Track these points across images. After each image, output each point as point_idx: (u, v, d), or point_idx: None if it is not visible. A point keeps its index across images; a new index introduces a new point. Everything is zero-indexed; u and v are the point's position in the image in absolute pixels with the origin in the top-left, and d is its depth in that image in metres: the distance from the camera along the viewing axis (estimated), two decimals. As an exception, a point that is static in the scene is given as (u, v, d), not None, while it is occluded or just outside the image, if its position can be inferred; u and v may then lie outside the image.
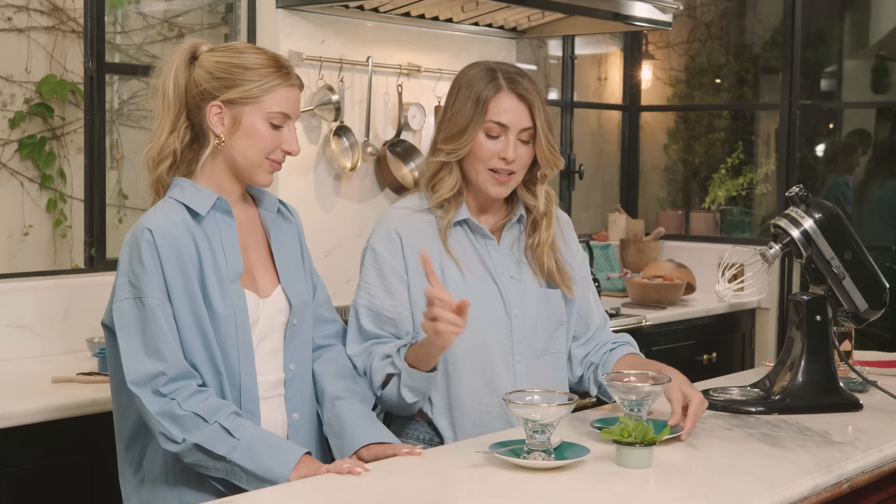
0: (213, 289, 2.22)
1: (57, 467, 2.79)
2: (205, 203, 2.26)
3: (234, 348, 2.24)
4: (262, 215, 2.41)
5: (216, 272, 2.23)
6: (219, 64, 2.27)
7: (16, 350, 3.37)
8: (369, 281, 2.54)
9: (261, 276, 2.34)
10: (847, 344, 3.13)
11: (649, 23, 4.53)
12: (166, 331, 2.16)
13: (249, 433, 2.15)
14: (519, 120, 2.50)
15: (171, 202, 2.27)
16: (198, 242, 2.22)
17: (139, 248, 2.18)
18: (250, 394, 2.26)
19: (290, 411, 2.35)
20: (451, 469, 2.15)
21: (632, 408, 2.33)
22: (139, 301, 2.18)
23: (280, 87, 2.27)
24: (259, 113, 2.27)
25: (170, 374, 2.14)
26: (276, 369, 2.33)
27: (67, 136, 4.55)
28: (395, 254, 2.52)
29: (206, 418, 2.13)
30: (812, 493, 2.13)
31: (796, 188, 2.75)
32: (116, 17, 4.53)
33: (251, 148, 2.28)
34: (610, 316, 4.43)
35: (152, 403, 2.14)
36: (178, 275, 2.19)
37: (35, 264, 4.42)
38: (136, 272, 2.18)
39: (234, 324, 2.23)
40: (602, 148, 6.17)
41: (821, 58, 6.76)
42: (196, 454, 2.14)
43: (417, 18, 4.31)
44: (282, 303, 2.34)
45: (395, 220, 2.55)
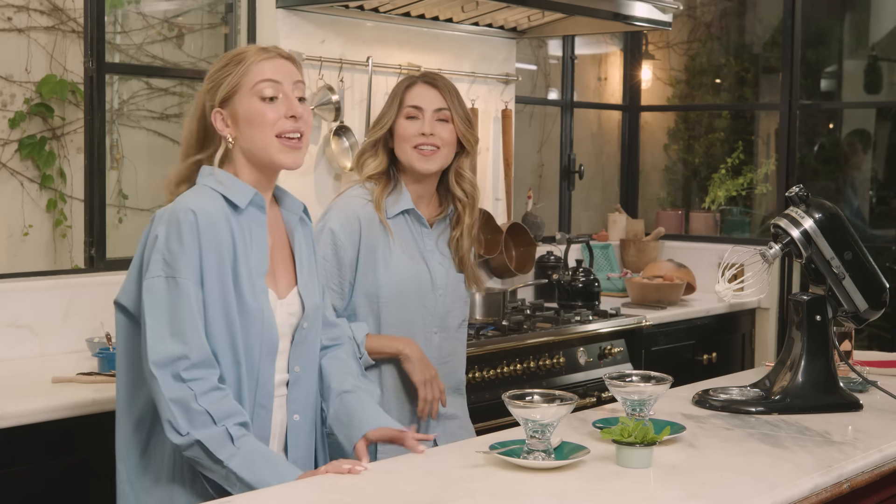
0: (244, 281, 2.23)
1: (57, 467, 2.79)
2: (244, 196, 2.27)
3: (258, 342, 2.25)
4: (286, 217, 2.42)
5: (247, 266, 2.24)
6: (208, 77, 2.33)
7: (16, 350, 3.37)
8: (325, 258, 2.86)
9: (280, 277, 2.36)
10: (847, 344, 3.14)
11: (649, 23, 4.53)
12: (195, 314, 2.16)
13: (251, 445, 2.15)
14: (432, 102, 2.93)
15: (208, 190, 2.27)
16: (234, 234, 2.24)
17: (180, 227, 2.18)
18: (266, 388, 2.28)
19: (291, 412, 2.36)
20: (451, 469, 2.15)
21: (633, 408, 2.33)
22: (172, 280, 2.16)
23: (255, 64, 2.29)
24: (247, 94, 2.28)
25: (192, 359, 2.14)
26: (280, 370, 2.34)
27: (67, 136, 4.55)
28: (352, 238, 2.88)
29: (215, 420, 2.13)
30: (812, 493, 2.13)
31: (796, 188, 2.75)
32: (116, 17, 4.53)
33: (256, 130, 2.28)
34: (610, 316, 4.46)
35: (169, 388, 2.13)
36: (215, 261, 2.20)
37: (35, 264, 4.42)
38: (174, 251, 2.17)
39: (261, 318, 2.24)
40: (602, 148, 6.17)
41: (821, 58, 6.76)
42: (196, 451, 2.14)
43: (417, 18, 4.31)
44: (295, 305, 2.36)
45: (355, 207, 2.92)
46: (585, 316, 4.37)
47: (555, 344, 4.09)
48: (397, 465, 2.21)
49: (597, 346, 4.27)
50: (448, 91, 2.96)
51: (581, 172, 5.63)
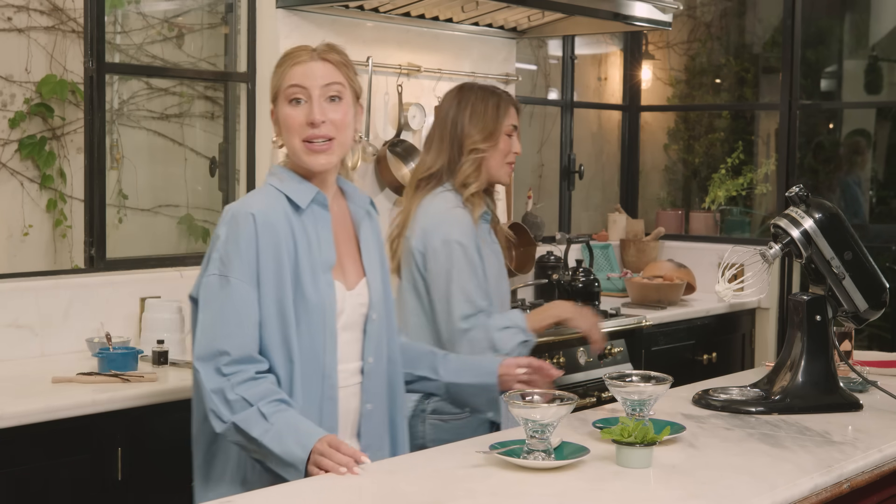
0: (306, 278, 2.30)
1: (57, 467, 2.79)
2: (305, 196, 2.35)
3: (321, 337, 2.31)
4: (352, 210, 2.49)
5: (310, 262, 2.31)
6: (274, 72, 2.44)
7: (16, 350, 3.37)
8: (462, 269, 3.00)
9: (348, 269, 2.43)
10: (847, 344, 3.14)
11: (649, 23, 4.53)
12: (242, 312, 2.24)
13: (284, 419, 2.20)
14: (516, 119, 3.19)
15: (272, 190, 2.35)
16: (295, 232, 2.31)
17: (238, 229, 2.27)
18: (332, 380, 2.34)
19: (365, 402, 2.42)
20: (451, 469, 2.15)
21: (634, 408, 2.33)
22: (225, 279, 2.26)
23: (286, 70, 2.39)
24: (282, 99, 2.38)
25: (233, 356, 2.23)
26: (354, 358, 2.41)
27: (67, 136, 4.55)
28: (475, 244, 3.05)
29: (250, 402, 2.20)
30: (812, 493, 2.13)
31: (796, 188, 2.75)
32: (116, 17, 4.53)
33: (287, 134, 2.38)
34: (610, 316, 4.46)
35: (210, 380, 2.23)
36: (272, 262, 2.27)
37: (35, 264, 4.42)
38: (230, 251, 2.27)
39: (322, 313, 2.31)
40: (602, 148, 6.17)
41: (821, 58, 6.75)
42: (235, 435, 2.22)
43: (417, 18, 4.31)
44: (364, 296, 2.43)
45: (468, 217, 3.06)
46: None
47: (555, 344, 4.08)
48: (397, 465, 2.21)
49: (597, 346, 4.26)
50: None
51: (581, 172, 5.63)
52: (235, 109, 4.21)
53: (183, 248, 4.53)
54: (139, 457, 2.94)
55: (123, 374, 3.05)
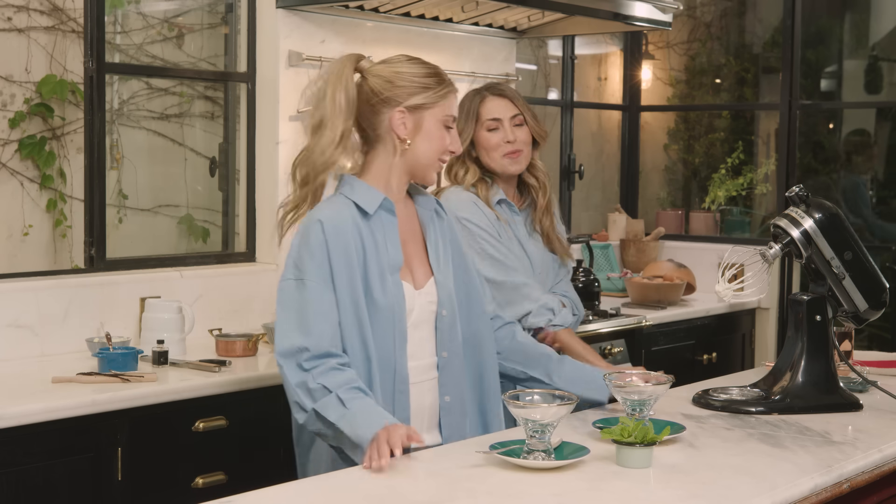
0: (374, 280, 2.43)
1: (57, 467, 2.79)
2: (373, 203, 2.48)
3: (391, 336, 2.44)
4: (420, 213, 2.62)
5: (378, 265, 2.44)
6: (398, 74, 2.50)
7: (16, 350, 3.37)
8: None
9: (416, 269, 2.54)
10: (847, 344, 3.14)
11: (649, 23, 4.53)
12: (319, 312, 2.36)
13: (360, 405, 2.29)
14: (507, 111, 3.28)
15: (342, 198, 2.48)
16: (363, 237, 2.44)
17: (309, 236, 2.41)
18: (402, 376, 2.46)
19: (443, 395, 2.54)
20: (451, 469, 2.15)
21: (634, 408, 2.33)
22: (301, 282, 2.39)
23: (451, 94, 2.54)
24: (437, 117, 2.51)
25: (313, 351, 2.34)
26: (428, 354, 2.53)
27: (67, 136, 4.55)
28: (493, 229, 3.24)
29: (330, 389, 2.31)
30: (812, 493, 2.13)
31: (796, 188, 2.75)
32: (116, 17, 4.53)
33: (430, 149, 2.52)
34: (610, 316, 4.46)
35: (293, 375, 2.35)
36: (343, 265, 2.40)
37: (35, 264, 4.42)
38: (303, 257, 2.40)
39: (391, 313, 2.43)
40: (602, 148, 6.17)
41: (821, 58, 6.75)
42: (316, 422, 2.33)
43: (417, 18, 4.31)
44: (433, 294, 2.54)
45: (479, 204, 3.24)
46: (585, 316, 4.37)
47: (555, 344, 4.08)
48: (397, 464, 2.21)
49: (597, 346, 4.26)
50: (516, 97, 3.33)
51: (581, 172, 5.63)
52: (235, 109, 4.21)
53: (183, 248, 4.53)
54: (139, 457, 2.94)
55: (123, 374, 3.05)
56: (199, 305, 3.73)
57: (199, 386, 3.08)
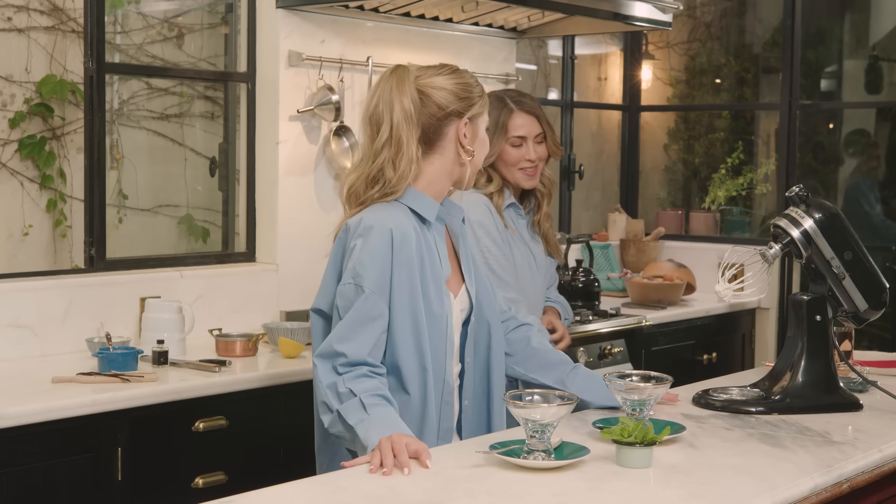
0: (431, 291, 2.44)
1: (57, 467, 2.79)
2: (431, 211, 2.51)
3: (443, 345, 2.46)
4: (449, 223, 2.62)
5: (433, 274, 2.46)
6: (459, 85, 2.55)
7: (16, 350, 3.37)
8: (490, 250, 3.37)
9: (451, 278, 2.56)
10: (847, 344, 3.13)
11: (649, 23, 4.53)
12: (366, 322, 2.37)
13: (381, 413, 2.29)
14: (533, 130, 3.44)
15: (402, 207, 2.48)
16: (422, 246, 2.45)
17: (374, 242, 2.39)
18: (449, 385, 2.49)
19: (463, 399, 2.57)
20: (451, 469, 2.15)
21: (634, 408, 2.33)
22: (359, 288, 2.38)
23: (485, 98, 2.58)
24: (482, 124, 2.58)
25: (349, 359, 2.34)
26: (457, 361, 2.55)
27: (67, 136, 4.55)
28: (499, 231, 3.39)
29: (355, 393, 2.31)
30: (812, 493, 2.13)
31: (796, 188, 2.75)
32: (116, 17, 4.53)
33: (483, 155, 2.58)
34: (610, 316, 4.46)
35: (326, 376, 2.35)
36: (406, 275, 2.40)
37: (35, 264, 4.42)
38: (364, 262, 2.39)
39: (446, 322, 2.46)
40: (602, 148, 6.17)
41: (821, 58, 6.75)
42: (338, 424, 2.32)
43: (417, 18, 4.31)
44: (465, 302, 2.57)
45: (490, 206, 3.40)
46: (585, 316, 4.37)
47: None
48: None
49: (597, 346, 4.26)
50: (542, 114, 3.48)
51: (581, 172, 5.63)
52: (235, 109, 4.21)
53: (183, 248, 4.54)
54: (139, 457, 2.94)
55: (123, 374, 3.05)
56: (199, 305, 3.73)
57: (199, 386, 3.08)
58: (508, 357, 2.72)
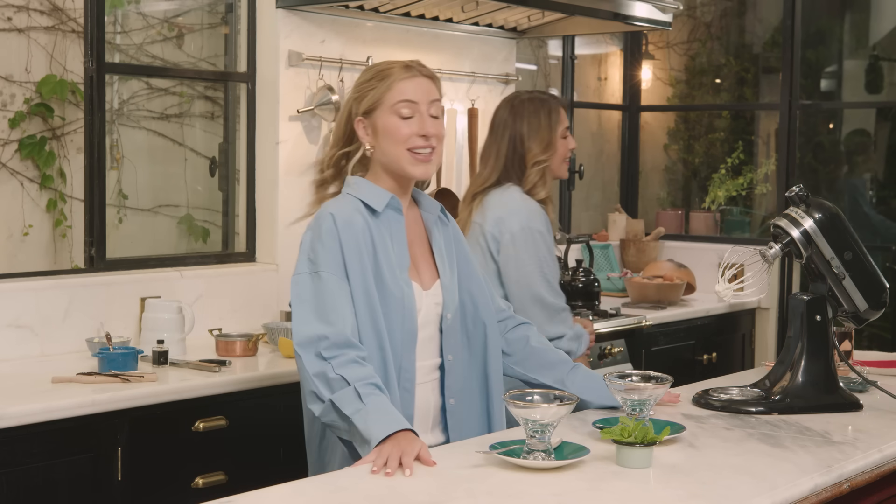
0: (386, 274, 2.44)
1: (57, 467, 2.79)
2: (381, 201, 2.50)
3: (400, 331, 2.44)
4: (425, 217, 2.63)
5: (388, 261, 2.46)
6: (356, 86, 2.56)
7: (16, 350, 3.37)
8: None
9: (423, 271, 2.56)
10: (847, 344, 3.13)
11: (649, 23, 4.53)
12: (337, 301, 2.37)
13: (376, 402, 2.28)
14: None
15: (348, 197, 2.51)
16: (373, 234, 2.46)
17: (321, 229, 2.43)
18: (409, 374, 2.46)
19: (448, 397, 2.55)
20: (451, 469, 2.15)
21: (634, 408, 2.33)
22: (316, 275, 2.40)
23: (396, 81, 2.52)
24: (387, 110, 2.50)
25: (332, 339, 2.33)
26: (432, 355, 2.54)
27: (67, 136, 4.55)
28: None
29: (349, 381, 2.29)
30: (812, 493, 2.13)
31: (796, 188, 2.75)
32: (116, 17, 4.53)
33: (390, 144, 2.51)
34: (610, 316, 4.46)
35: (312, 365, 2.33)
36: (355, 256, 2.41)
37: (35, 264, 4.42)
38: (316, 249, 2.42)
39: (402, 309, 2.44)
40: (602, 148, 6.17)
41: (821, 58, 6.75)
42: (331, 413, 2.31)
43: (417, 18, 4.31)
44: (439, 297, 2.56)
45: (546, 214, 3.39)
46: (585, 316, 4.37)
47: (555, 344, 4.08)
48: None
49: (597, 346, 4.26)
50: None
51: (581, 172, 5.63)
52: (235, 109, 4.21)
53: (183, 248, 4.54)
54: (139, 457, 2.94)
55: (123, 374, 3.05)
56: (199, 305, 3.73)
57: (199, 386, 3.08)
58: (507, 357, 2.72)
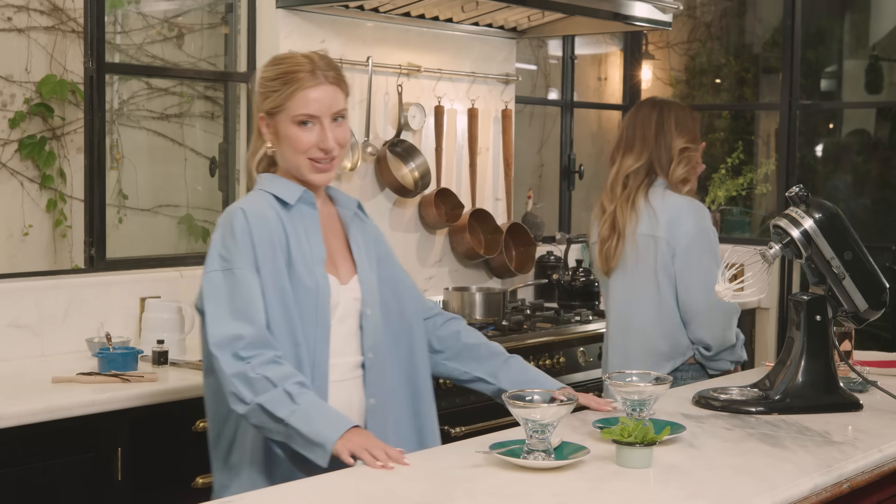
0: (300, 268, 2.38)
1: (57, 467, 2.79)
2: (292, 194, 2.44)
3: (313, 325, 2.38)
4: (341, 213, 2.58)
5: (302, 255, 2.40)
6: (261, 79, 2.48)
7: (16, 350, 3.37)
8: None
9: (340, 265, 2.50)
10: (847, 344, 3.13)
11: (649, 23, 4.53)
12: (251, 299, 2.31)
13: (309, 401, 2.25)
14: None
15: (260, 192, 2.45)
16: (286, 226, 2.40)
17: (232, 225, 2.36)
18: (322, 370, 2.40)
19: (368, 396, 2.48)
20: (451, 469, 2.15)
21: (633, 408, 2.33)
22: (229, 272, 2.33)
23: (300, 90, 2.42)
24: (287, 118, 2.43)
25: (249, 339, 2.27)
26: (353, 352, 2.47)
27: (67, 136, 4.55)
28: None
29: (274, 383, 2.24)
30: (812, 493, 2.13)
31: (796, 188, 2.75)
32: (116, 17, 4.53)
33: (289, 151, 2.45)
34: (610, 316, 4.44)
35: (230, 365, 2.26)
36: (268, 251, 2.35)
37: (35, 264, 4.42)
38: (228, 246, 2.35)
39: (315, 301, 2.38)
40: (602, 148, 6.17)
41: (821, 58, 6.75)
42: (260, 415, 2.24)
43: (417, 18, 4.31)
44: (357, 291, 2.50)
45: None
46: (585, 316, 4.37)
47: (555, 344, 4.08)
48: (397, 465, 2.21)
49: (597, 346, 4.26)
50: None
51: (581, 172, 5.63)
52: (235, 109, 4.21)
53: (183, 248, 4.54)
54: (139, 457, 2.94)
55: (123, 374, 3.05)
56: (199, 305, 3.73)
57: (199, 386, 3.05)
58: (439, 354, 2.65)
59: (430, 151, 4.46)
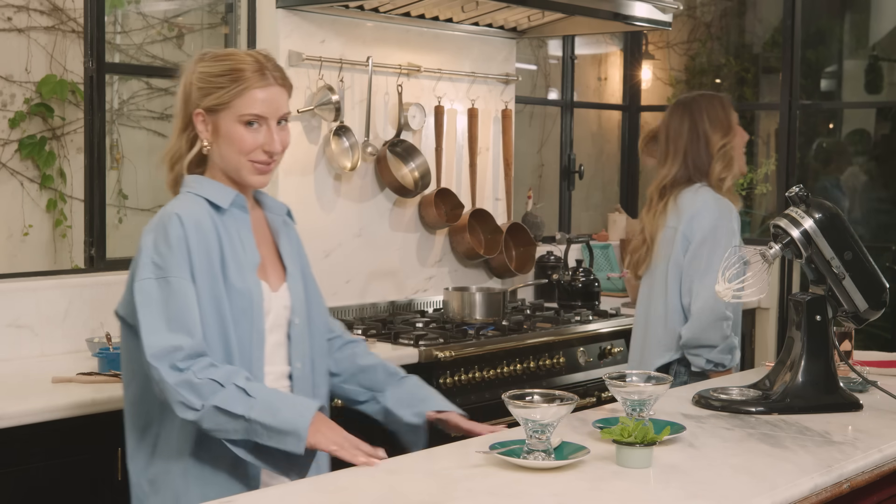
0: (234, 275, 2.31)
1: (57, 467, 2.79)
2: (225, 198, 2.36)
3: (248, 332, 2.32)
4: (270, 218, 2.50)
5: (235, 260, 2.33)
6: (202, 74, 2.38)
7: (16, 350, 3.37)
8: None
9: (270, 272, 2.43)
10: (847, 344, 3.13)
11: (649, 23, 4.53)
12: (189, 308, 2.23)
13: (264, 392, 2.21)
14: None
15: (191, 196, 2.35)
16: (220, 232, 2.32)
17: (166, 231, 2.26)
18: (257, 377, 2.32)
19: None
20: (451, 469, 2.15)
21: (633, 408, 2.33)
22: (164, 280, 2.24)
23: (249, 90, 2.34)
24: (232, 117, 2.35)
25: (187, 350, 2.20)
26: (281, 362, 2.41)
27: (67, 136, 4.55)
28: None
29: (221, 383, 2.18)
30: (812, 493, 2.13)
31: (796, 188, 2.75)
32: (116, 17, 4.53)
33: (230, 151, 2.36)
34: (610, 316, 4.45)
35: (170, 376, 2.18)
36: (204, 258, 2.28)
37: (35, 264, 4.42)
38: (163, 253, 2.25)
39: (250, 308, 2.32)
40: (602, 148, 6.17)
41: (821, 58, 6.75)
42: (215, 418, 2.18)
43: (417, 18, 4.31)
44: (287, 299, 2.43)
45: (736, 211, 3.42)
46: (585, 316, 4.37)
47: (555, 344, 4.08)
48: (397, 464, 2.21)
49: (597, 346, 4.27)
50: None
51: (581, 172, 5.63)
52: (235, 109, 4.20)
53: (183, 248, 4.53)
54: (139, 457, 2.93)
55: (123, 374, 3.04)
56: (199, 305, 3.73)
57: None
58: (336, 377, 2.59)
59: (430, 151, 4.46)
